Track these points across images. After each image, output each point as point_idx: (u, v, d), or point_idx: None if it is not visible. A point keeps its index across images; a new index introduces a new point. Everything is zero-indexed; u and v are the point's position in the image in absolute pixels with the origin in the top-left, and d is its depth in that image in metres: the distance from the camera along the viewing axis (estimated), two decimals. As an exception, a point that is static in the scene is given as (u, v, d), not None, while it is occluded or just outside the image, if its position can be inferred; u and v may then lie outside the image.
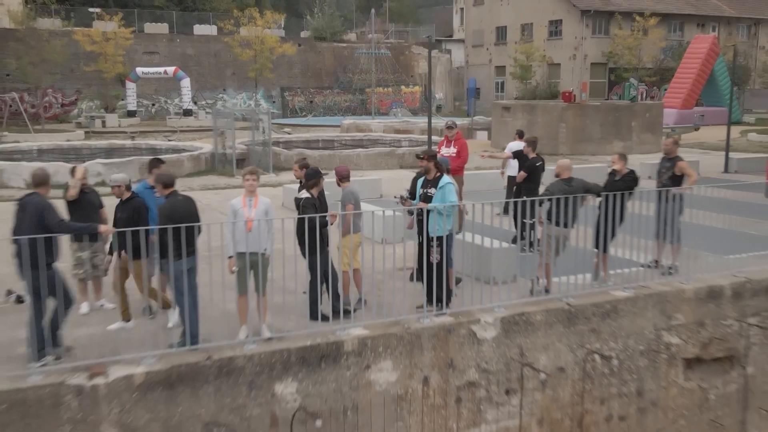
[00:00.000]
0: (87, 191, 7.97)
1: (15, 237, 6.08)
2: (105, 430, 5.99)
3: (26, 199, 6.28)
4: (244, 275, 6.81)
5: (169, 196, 7.03)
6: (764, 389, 9.20)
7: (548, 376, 7.77)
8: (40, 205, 6.17)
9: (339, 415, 6.81)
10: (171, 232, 6.34)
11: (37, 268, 5.86)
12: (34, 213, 6.11)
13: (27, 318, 6.22)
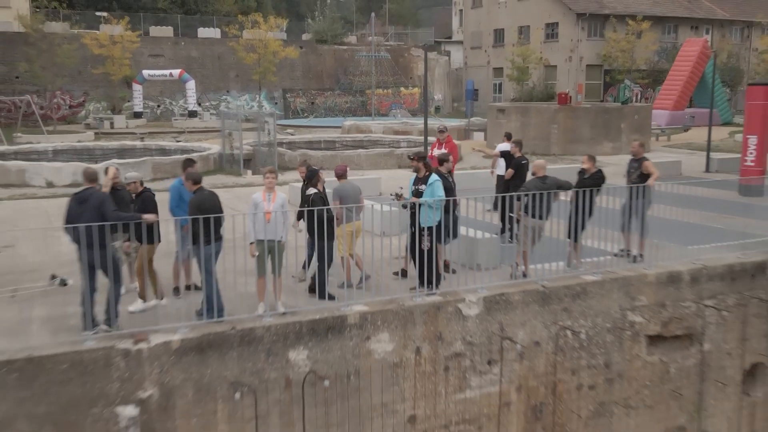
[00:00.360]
0: (119, 188, 9.10)
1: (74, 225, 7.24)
2: (147, 387, 7.15)
3: (86, 192, 7.45)
4: (263, 259, 7.98)
5: (197, 191, 8.21)
6: (720, 364, 10.34)
7: (525, 348, 8.93)
8: (101, 198, 7.35)
9: (343, 378, 7.96)
10: (201, 221, 7.51)
11: (95, 249, 7.03)
12: (96, 204, 7.28)
13: (81, 293, 7.38)
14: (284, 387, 7.70)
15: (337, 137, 30.70)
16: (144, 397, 7.13)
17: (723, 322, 10.26)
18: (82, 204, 7.36)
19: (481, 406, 8.81)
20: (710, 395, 10.34)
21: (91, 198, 7.36)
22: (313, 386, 7.81)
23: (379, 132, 31.89)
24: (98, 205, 7.28)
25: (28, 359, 6.72)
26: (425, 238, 8.51)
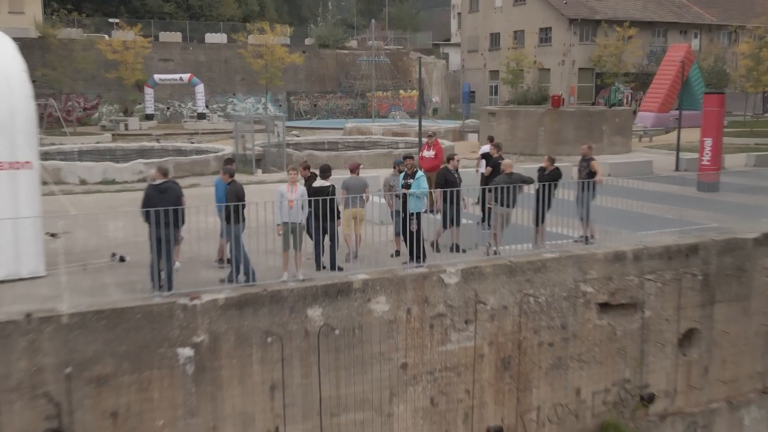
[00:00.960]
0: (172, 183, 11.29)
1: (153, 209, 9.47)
2: (200, 334, 9.32)
3: (165, 185, 9.67)
4: (287, 237, 10.17)
5: (231, 183, 10.45)
6: (659, 328, 12.51)
7: (495, 311, 11.11)
8: (178, 189, 9.59)
9: (349, 331, 10.14)
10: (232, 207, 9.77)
11: (168, 228, 9.24)
12: (174, 194, 9.51)
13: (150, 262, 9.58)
14: (303, 336, 9.88)
15: (340, 138, 32.90)
16: (197, 342, 9.31)
17: (661, 293, 12.44)
18: (162, 193, 9.58)
19: (459, 357, 10.98)
20: (651, 354, 12.51)
21: (169, 189, 9.59)
22: (326, 337, 9.99)
23: (379, 134, 34.08)
24: (176, 195, 9.55)
25: (113, 309, 8.91)
26: (413, 222, 10.70)
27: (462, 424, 11.13)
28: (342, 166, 20.55)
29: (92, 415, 8.85)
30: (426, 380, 10.79)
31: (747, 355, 13.48)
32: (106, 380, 8.88)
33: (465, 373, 11.05)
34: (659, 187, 19.81)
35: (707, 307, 12.91)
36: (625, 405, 12.38)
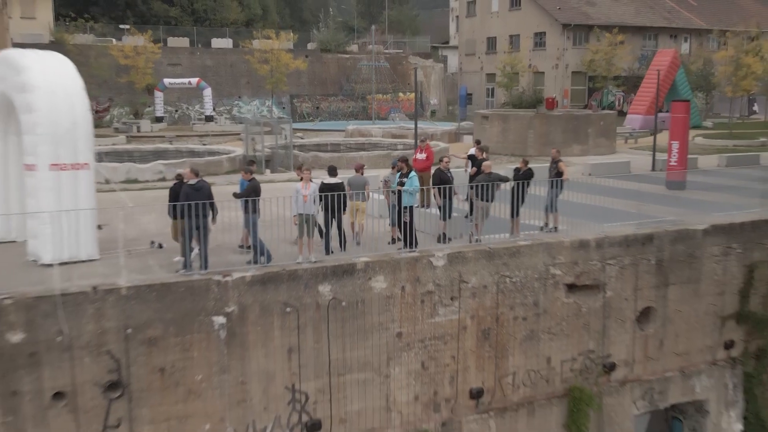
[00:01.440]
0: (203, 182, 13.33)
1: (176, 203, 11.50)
2: (231, 305, 11.34)
3: (199, 183, 11.72)
4: (302, 226, 12.22)
5: (251, 180, 12.52)
6: (619, 306, 14.53)
7: (476, 289, 13.14)
8: (209, 187, 11.65)
9: (353, 304, 12.17)
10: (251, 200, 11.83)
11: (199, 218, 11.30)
12: (206, 191, 11.56)
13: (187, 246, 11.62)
14: (315, 308, 11.91)
15: (342, 140, 34.93)
16: (229, 311, 11.35)
17: (621, 276, 14.47)
18: (198, 191, 11.63)
19: (446, 328, 13.02)
20: (612, 328, 14.55)
21: (203, 188, 11.65)
22: (334, 309, 12.02)
23: (379, 135, 36.11)
24: (208, 191, 11.61)
25: (161, 284, 10.95)
26: (406, 214, 12.75)
27: (448, 385, 13.17)
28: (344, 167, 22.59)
29: (144, 370, 10.89)
30: (417, 347, 12.82)
31: (698, 330, 15.51)
32: (156, 342, 10.92)
33: (451, 342, 13.08)
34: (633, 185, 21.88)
35: (662, 289, 14.94)
36: (590, 372, 14.41)
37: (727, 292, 15.70)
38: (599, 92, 60.96)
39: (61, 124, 11.87)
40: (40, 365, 10.27)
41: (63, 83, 12.10)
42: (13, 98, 12.30)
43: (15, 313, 10.08)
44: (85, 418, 10.59)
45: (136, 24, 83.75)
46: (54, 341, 10.27)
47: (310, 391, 12.05)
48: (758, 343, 16.08)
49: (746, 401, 16.06)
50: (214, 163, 25.14)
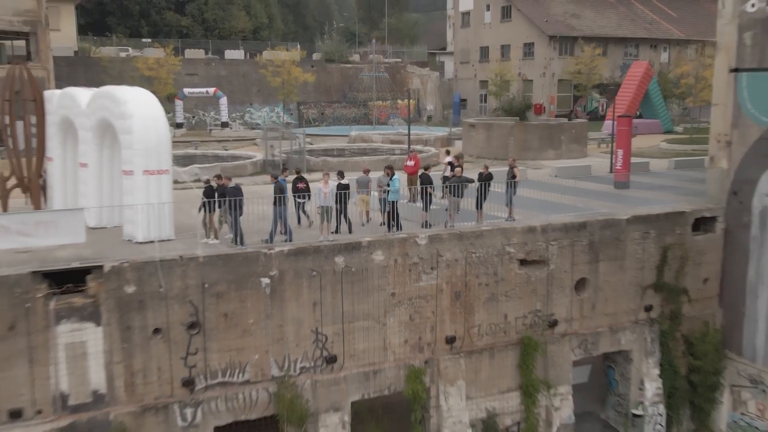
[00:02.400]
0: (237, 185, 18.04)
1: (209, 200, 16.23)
2: (273, 270, 16.04)
3: (234, 186, 16.46)
4: (323, 214, 16.97)
5: (276, 182, 17.28)
6: (559, 277, 19.21)
7: (450, 262, 17.83)
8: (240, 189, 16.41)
9: (360, 271, 16.86)
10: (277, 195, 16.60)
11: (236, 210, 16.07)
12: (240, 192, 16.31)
13: (237, 228, 16.37)
14: (333, 273, 16.60)
15: (346, 146, 39.62)
16: (272, 274, 16.04)
17: (561, 253, 19.16)
18: (236, 192, 16.36)
19: (427, 290, 17.70)
20: (554, 294, 19.23)
21: (237, 189, 16.41)
22: (346, 274, 16.71)
23: (379, 141, 40.80)
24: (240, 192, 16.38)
25: (226, 254, 15.65)
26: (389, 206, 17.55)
27: (429, 332, 17.87)
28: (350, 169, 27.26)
29: (214, 315, 15.58)
30: (406, 304, 17.51)
31: (623, 297, 20.20)
32: (222, 295, 15.61)
33: (431, 301, 17.78)
34: (588, 184, 26.63)
35: (593, 264, 19.64)
36: (537, 326, 19.09)
37: (646, 267, 20.39)
38: (584, 99, 65.67)
39: (150, 142, 16.57)
40: (145, 309, 14.98)
41: (151, 112, 16.79)
42: (114, 123, 17.00)
43: (130, 272, 14.80)
44: (174, 347, 15.31)
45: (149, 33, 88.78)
46: (155, 292, 14.99)
47: (328, 333, 16.75)
48: (671, 307, 20.76)
49: (662, 352, 20.74)
50: (240, 166, 29.88)
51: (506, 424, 18.87)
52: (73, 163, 19.67)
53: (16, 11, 40.00)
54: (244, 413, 16.09)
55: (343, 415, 16.90)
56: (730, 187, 21.11)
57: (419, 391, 17.55)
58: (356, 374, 17.08)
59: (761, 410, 20.42)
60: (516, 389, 18.93)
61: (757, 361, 20.54)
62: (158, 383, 15.25)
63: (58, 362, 14.36)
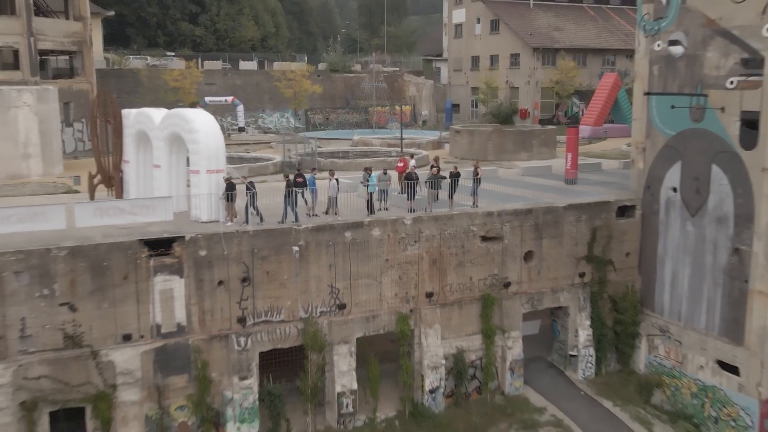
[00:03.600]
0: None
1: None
2: (301, 240, 22.52)
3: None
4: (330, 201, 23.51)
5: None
6: (512, 249, 25.67)
7: (429, 236, 24.33)
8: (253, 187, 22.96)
9: (363, 243, 23.34)
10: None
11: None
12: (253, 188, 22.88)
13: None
14: (343, 244, 23.09)
15: (350, 149, 46.11)
16: (300, 243, 22.53)
17: (512, 232, 25.63)
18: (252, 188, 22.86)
19: (411, 257, 24.16)
20: (508, 262, 25.70)
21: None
22: (353, 245, 23.18)
23: (378, 144, 47.28)
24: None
25: (269, 229, 22.16)
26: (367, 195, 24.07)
27: (413, 289, 24.33)
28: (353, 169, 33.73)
29: (259, 272, 22.07)
30: (396, 267, 23.97)
31: (561, 266, 26.66)
32: (265, 258, 22.11)
33: (414, 265, 24.23)
34: (545, 181, 33.10)
35: (538, 241, 26.10)
36: (494, 286, 25.54)
37: (579, 243, 26.85)
38: (565, 104, 72.16)
39: (211, 150, 23.06)
40: (212, 267, 21.47)
41: (211, 128, 23.27)
42: (183, 136, 23.48)
43: (202, 241, 21.29)
44: (232, 294, 21.80)
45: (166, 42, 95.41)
46: (220, 255, 21.48)
47: (340, 287, 23.22)
48: (599, 274, 27.23)
49: (592, 308, 27.22)
50: (264, 167, 36.40)
51: (471, 359, 25.37)
52: (145, 164, 26.25)
53: (66, 33, 46.61)
54: (280, 343, 22.61)
55: (350, 346, 23.43)
56: (645, 182, 27.59)
57: (406, 331, 24.08)
58: (360, 317, 23.59)
59: (668, 352, 26.91)
60: (478, 333, 25.42)
61: (664, 315, 27.03)
62: (221, 319, 21.76)
63: (154, 302, 20.87)
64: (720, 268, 24.78)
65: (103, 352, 20.36)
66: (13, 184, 33.10)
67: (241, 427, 21.93)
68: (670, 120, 26.36)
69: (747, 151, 23.57)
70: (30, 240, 19.98)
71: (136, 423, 20.93)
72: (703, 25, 24.85)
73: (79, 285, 19.94)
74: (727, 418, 24.64)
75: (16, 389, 19.42)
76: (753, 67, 23.16)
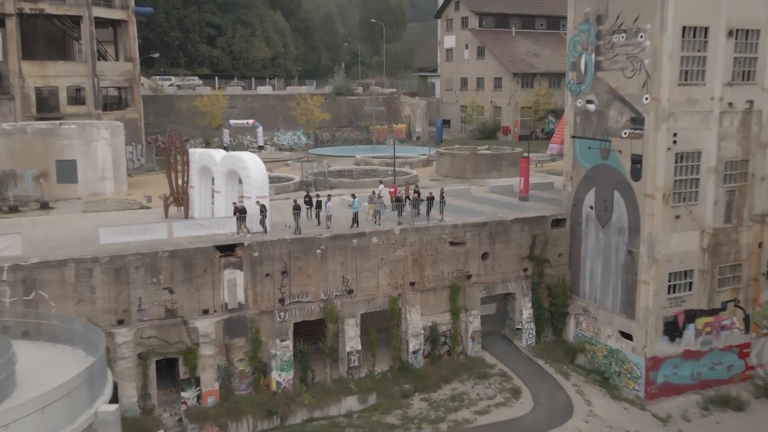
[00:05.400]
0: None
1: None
2: (322, 245, 32.47)
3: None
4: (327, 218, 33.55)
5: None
6: (472, 251, 35.59)
7: (412, 242, 34.31)
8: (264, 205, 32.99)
9: (365, 247, 33.27)
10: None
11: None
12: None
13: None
14: (351, 248, 33.04)
15: (353, 168, 56.05)
16: (322, 247, 32.49)
17: (473, 239, 35.55)
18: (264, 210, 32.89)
19: (399, 257, 34.08)
20: (469, 260, 35.64)
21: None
22: (358, 248, 33.11)
23: (377, 164, 57.23)
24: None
25: (299, 238, 32.14)
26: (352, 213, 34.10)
27: (401, 279, 34.26)
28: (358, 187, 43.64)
29: (294, 267, 32.02)
30: (389, 264, 33.91)
31: (509, 263, 36.58)
32: (298, 257, 32.06)
33: (401, 263, 34.18)
34: (504, 198, 43.04)
35: (492, 245, 36.03)
36: (460, 278, 35.48)
37: (523, 246, 36.78)
38: (542, 122, 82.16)
39: (259, 181, 33.00)
40: (262, 263, 31.43)
41: (259, 166, 33.22)
42: (239, 171, 33.43)
43: (256, 246, 31.26)
44: (275, 282, 31.75)
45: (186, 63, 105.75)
46: (267, 255, 31.43)
47: (349, 278, 33.16)
48: (538, 269, 37.14)
49: (533, 294, 37.14)
50: (288, 185, 46.35)
51: (442, 330, 35.31)
52: (206, 189, 36.22)
53: (120, 72, 56.71)
54: (308, 316, 32.55)
55: (356, 319, 33.38)
56: (572, 202, 37.53)
57: (395, 309, 34.04)
58: (363, 299, 33.54)
59: (588, 326, 36.83)
60: (448, 311, 35.34)
61: (586, 299, 36.97)
62: (267, 300, 31.70)
63: (223, 288, 30.80)
64: (620, 265, 34.75)
65: (190, 321, 30.30)
66: (95, 200, 43.10)
67: (281, 374, 31.87)
68: (587, 157, 36.32)
69: (635, 182, 33.52)
70: (143, 245, 29.95)
71: (211, 370, 30.84)
72: (607, 91, 34.81)
73: (176, 275, 29.91)
74: (626, 371, 34.61)
75: (135, 344, 29.37)
76: (638, 123, 33.12)
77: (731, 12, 32.50)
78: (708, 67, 32.57)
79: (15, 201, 40.77)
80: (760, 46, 33.54)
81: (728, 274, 34.87)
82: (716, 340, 34.98)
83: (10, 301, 27.39)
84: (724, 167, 33.76)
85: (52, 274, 28.03)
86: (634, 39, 32.91)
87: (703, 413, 32.97)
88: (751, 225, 34.98)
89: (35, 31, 53.44)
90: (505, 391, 32.75)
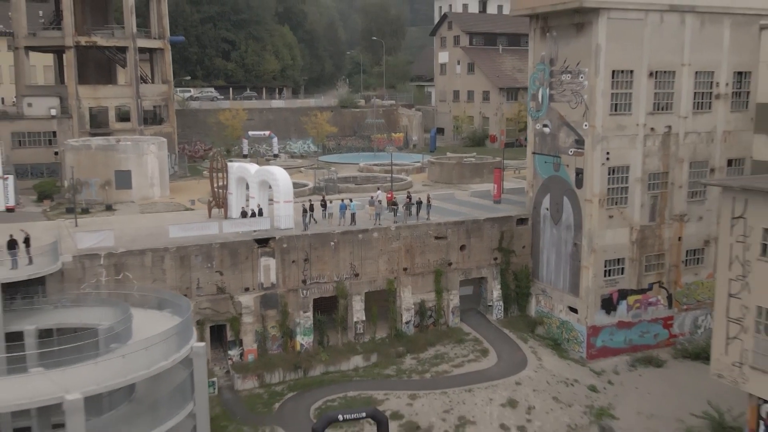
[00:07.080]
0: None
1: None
2: (335, 239, 42.02)
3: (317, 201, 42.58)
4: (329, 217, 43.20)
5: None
6: (453, 244, 45.14)
7: (404, 236, 43.88)
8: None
9: (368, 240, 42.83)
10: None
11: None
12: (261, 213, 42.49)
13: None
14: (358, 241, 42.58)
15: (357, 174, 65.59)
16: (335, 240, 42.04)
17: (453, 234, 45.08)
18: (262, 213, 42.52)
19: (395, 248, 43.60)
20: (451, 251, 45.14)
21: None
22: (363, 241, 42.66)
23: (378, 171, 66.77)
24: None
25: (319, 234, 41.74)
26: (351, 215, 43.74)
27: (396, 265, 43.82)
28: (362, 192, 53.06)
29: (313, 255, 41.55)
30: (387, 254, 43.43)
31: (482, 254, 46.11)
32: (317, 248, 41.59)
33: (396, 254, 43.71)
34: (481, 201, 52.59)
35: (468, 239, 45.56)
36: (443, 264, 44.98)
37: (493, 240, 46.31)
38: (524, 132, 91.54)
39: (285, 188, 42.54)
40: (290, 252, 41.01)
41: (285, 178, 42.77)
42: (269, 181, 42.99)
43: (285, 239, 40.84)
44: (299, 267, 41.31)
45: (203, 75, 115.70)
46: (294, 246, 41.00)
47: (356, 264, 42.71)
48: (506, 258, 46.67)
49: (501, 278, 46.69)
50: (304, 191, 55.91)
51: (429, 306, 44.85)
52: (241, 195, 45.80)
53: (158, 93, 66.41)
54: (324, 294, 42.11)
55: (361, 296, 42.96)
56: (533, 204, 47.11)
57: (392, 289, 43.61)
58: (366, 280, 43.10)
59: (546, 303, 46.38)
60: (433, 291, 44.88)
61: (543, 282, 46.54)
62: (293, 281, 41.24)
63: (260, 271, 40.34)
64: (568, 254, 44.30)
65: (235, 296, 39.86)
66: (146, 203, 52.66)
67: (304, 338, 41.45)
68: (544, 169, 45.88)
69: (579, 189, 43.08)
70: (200, 239, 39.52)
71: (251, 335, 40.38)
72: (558, 118, 44.36)
73: (225, 262, 39.49)
74: (573, 338, 44.17)
75: (195, 314, 38.91)
76: (580, 144, 42.66)
77: (651, 58, 41.99)
78: (633, 100, 42.08)
79: (86, 204, 50.36)
80: (675, 83, 43.03)
81: (654, 262, 44.40)
82: (644, 314, 44.51)
83: (105, 280, 36.96)
84: (648, 178, 43.27)
85: (135, 260, 37.64)
86: (576, 79, 42.46)
87: (630, 369, 42.53)
88: (671, 223, 44.50)
89: (87, 59, 63.02)
90: (477, 351, 42.33)
